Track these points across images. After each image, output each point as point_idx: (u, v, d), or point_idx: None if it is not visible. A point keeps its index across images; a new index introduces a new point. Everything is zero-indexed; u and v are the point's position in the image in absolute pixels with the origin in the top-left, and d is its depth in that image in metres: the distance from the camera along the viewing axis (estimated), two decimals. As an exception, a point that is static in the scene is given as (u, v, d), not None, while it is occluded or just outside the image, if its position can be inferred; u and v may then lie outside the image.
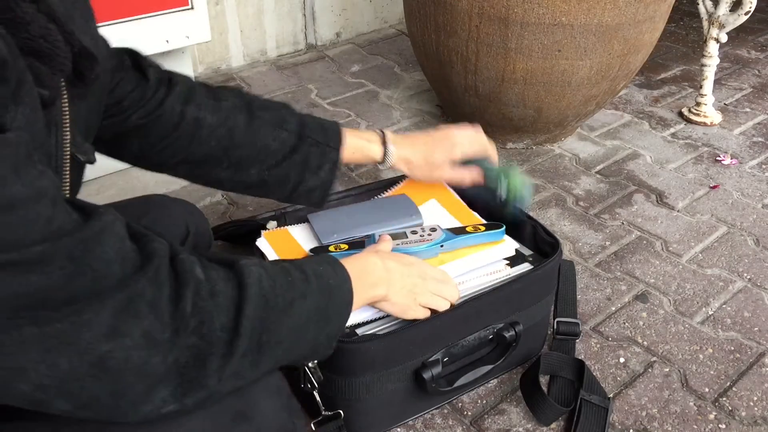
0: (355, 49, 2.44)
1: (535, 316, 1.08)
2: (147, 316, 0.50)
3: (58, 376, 0.48)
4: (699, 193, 1.63)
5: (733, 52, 2.45)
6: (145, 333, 0.50)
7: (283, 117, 0.95)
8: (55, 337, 0.47)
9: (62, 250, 0.46)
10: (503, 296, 1.01)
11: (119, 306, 0.49)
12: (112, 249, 0.50)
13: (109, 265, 0.49)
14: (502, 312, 1.02)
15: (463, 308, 0.97)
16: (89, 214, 0.50)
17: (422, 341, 0.94)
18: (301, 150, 0.94)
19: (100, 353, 0.48)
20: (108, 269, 0.49)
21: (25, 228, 0.45)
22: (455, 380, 0.99)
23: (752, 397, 1.10)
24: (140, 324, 0.50)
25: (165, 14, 1.31)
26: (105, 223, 0.50)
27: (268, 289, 0.59)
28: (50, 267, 0.46)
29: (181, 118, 0.88)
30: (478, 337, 1.01)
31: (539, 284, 1.06)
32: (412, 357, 0.94)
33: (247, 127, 0.91)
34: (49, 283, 0.46)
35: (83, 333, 0.48)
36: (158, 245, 0.54)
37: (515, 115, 1.69)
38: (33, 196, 0.45)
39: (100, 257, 0.49)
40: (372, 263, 0.83)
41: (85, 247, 0.48)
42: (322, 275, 0.69)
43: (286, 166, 0.94)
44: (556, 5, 1.45)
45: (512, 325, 1.03)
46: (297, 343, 0.65)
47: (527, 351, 1.13)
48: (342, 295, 0.72)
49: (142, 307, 0.50)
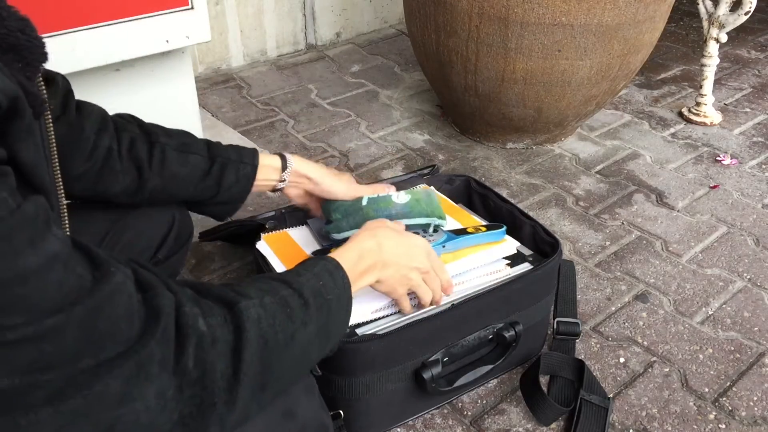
0: (355, 49, 2.44)
1: (535, 316, 1.08)
2: (159, 376, 0.50)
3: None
4: (699, 193, 1.63)
5: (733, 52, 2.45)
6: (158, 394, 0.50)
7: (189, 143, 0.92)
8: (69, 413, 0.47)
9: (74, 319, 0.46)
10: (503, 296, 1.01)
11: (129, 373, 0.49)
12: (122, 308, 0.50)
13: (118, 324, 0.49)
14: (502, 312, 1.02)
15: (463, 308, 0.96)
16: (99, 269, 0.49)
17: (422, 341, 0.94)
18: (212, 173, 0.92)
19: (112, 419, 0.49)
20: (116, 329, 0.49)
21: (38, 297, 0.45)
22: (455, 380, 0.99)
23: (752, 397, 1.10)
24: (152, 386, 0.50)
25: (165, 14, 1.31)
26: (115, 285, 0.50)
27: (267, 329, 0.59)
28: (63, 336, 0.46)
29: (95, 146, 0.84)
30: (478, 337, 1.01)
31: (539, 284, 1.06)
32: (412, 357, 0.94)
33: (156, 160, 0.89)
34: (60, 350, 0.46)
35: (95, 405, 0.48)
36: (165, 301, 0.53)
37: (515, 115, 1.69)
38: (46, 264, 0.45)
39: (109, 319, 0.49)
40: (366, 247, 0.81)
41: (96, 313, 0.48)
42: (321, 292, 0.68)
43: (198, 190, 0.93)
44: (556, 5, 1.45)
45: (512, 325, 1.03)
46: (301, 369, 0.65)
47: (527, 351, 1.12)
48: (342, 305, 0.71)
49: (152, 370, 0.50)
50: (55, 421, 0.46)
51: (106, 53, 1.27)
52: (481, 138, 1.83)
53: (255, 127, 1.90)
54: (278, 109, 2.00)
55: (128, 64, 1.37)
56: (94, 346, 0.48)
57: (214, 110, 1.99)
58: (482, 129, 1.80)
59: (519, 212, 1.17)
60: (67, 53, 1.22)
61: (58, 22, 1.19)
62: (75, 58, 1.23)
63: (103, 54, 1.27)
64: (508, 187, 1.64)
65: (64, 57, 1.21)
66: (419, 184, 1.25)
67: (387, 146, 1.81)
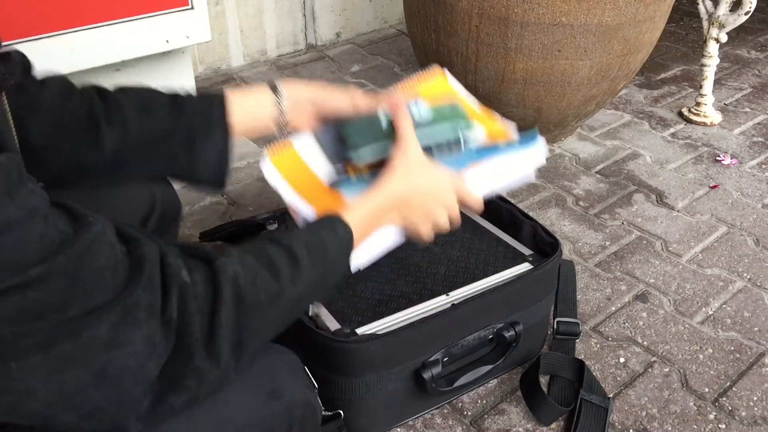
0: (355, 49, 2.44)
1: (535, 316, 1.08)
2: (147, 322, 0.51)
3: (64, 391, 0.49)
4: (699, 193, 1.63)
5: (733, 52, 2.45)
6: (146, 339, 0.51)
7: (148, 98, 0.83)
8: (59, 357, 0.48)
9: (58, 269, 0.47)
10: (503, 296, 1.01)
11: (117, 318, 0.50)
12: (103, 258, 0.50)
13: (101, 273, 0.50)
14: (502, 312, 1.02)
15: (463, 308, 0.97)
16: (78, 221, 0.50)
17: (422, 341, 0.94)
18: (179, 127, 0.81)
19: (102, 363, 0.50)
20: (101, 278, 0.50)
21: (21, 248, 0.46)
22: (455, 380, 0.99)
23: (752, 397, 1.10)
24: (140, 331, 0.51)
25: (165, 14, 1.31)
26: (95, 234, 0.50)
27: (246, 288, 0.59)
28: (48, 284, 0.47)
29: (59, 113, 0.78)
30: (478, 337, 1.01)
31: (539, 284, 1.06)
32: (412, 357, 0.94)
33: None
34: (46, 298, 0.47)
35: (85, 349, 0.49)
36: (148, 250, 0.54)
37: (515, 115, 1.69)
38: (26, 216, 0.46)
39: (92, 267, 0.49)
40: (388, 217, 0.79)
41: (78, 261, 0.49)
42: (316, 246, 0.67)
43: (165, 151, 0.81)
44: (556, 5, 1.45)
45: (512, 325, 1.03)
46: (289, 321, 0.66)
47: (527, 351, 1.12)
48: (340, 256, 0.70)
49: (140, 315, 0.51)
50: (46, 366, 0.48)
51: (106, 53, 1.27)
52: (481, 138, 1.83)
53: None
54: (278, 109, 2.00)
55: (128, 64, 1.37)
56: (80, 295, 0.48)
57: (214, 110, 1.99)
58: (482, 129, 1.80)
59: (519, 212, 1.17)
60: (67, 53, 1.22)
61: (58, 22, 1.19)
62: (75, 58, 1.23)
63: (103, 54, 1.27)
64: (508, 187, 1.64)
65: (64, 57, 1.21)
66: None
67: (387, 146, 1.81)
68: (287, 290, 0.62)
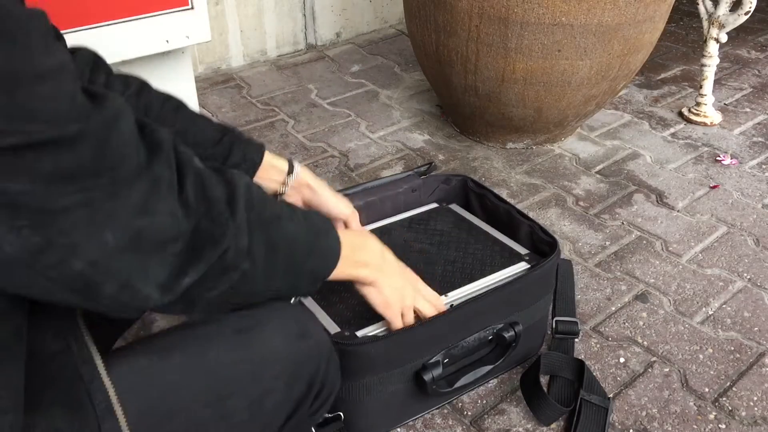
0: (355, 49, 2.44)
1: (534, 316, 1.08)
2: (168, 196, 0.54)
3: (105, 250, 0.51)
4: (699, 193, 1.63)
5: (733, 52, 2.45)
6: (170, 211, 0.54)
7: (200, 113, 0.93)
8: (100, 213, 0.50)
9: (92, 130, 0.49)
10: (502, 296, 1.01)
11: (146, 188, 0.53)
12: (128, 131, 0.52)
13: (127, 146, 0.52)
14: (501, 312, 1.02)
15: (463, 309, 0.96)
16: (100, 97, 0.52)
17: (422, 343, 0.94)
18: (223, 142, 0.91)
19: (138, 227, 0.52)
20: (126, 151, 0.52)
21: (57, 101, 0.47)
22: (455, 381, 0.99)
23: (752, 397, 1.10)
24: (165, 203, 0.54)
25: (165, 14, 1.31)
26: (119, 107, 0.52)
27: (256, 195, 0.63)
28: (82, 146, 0.48)
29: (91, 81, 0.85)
30: (478, 338, 1.01)
31: (538, 284, 1.06)
32: (412, 359, 0.94)
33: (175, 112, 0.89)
34: (79, 160, 0.48)
35: (122, 210, 0.51)
36: (163, 135, 0.56)
37: (515, 115, 1.69)
38: (59, 68, 0.47)
39: (120, 138, 0.51)
40: (371, 244, 0.83)
41: (107, 129, 0.50)
42: (310, 216, 0.72)
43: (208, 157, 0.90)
44: (556, 5, 1.45)
45: (512, 326, 1.03)
46: (290, 258, 0.67)
47: (526, 351, 1.13)
48: (329, 241, 0.73)
49: (163, 189, 0.54)
50: (88, 221, 0.50)
51: (106, 53, 1.27)
52: (481, 138, 1.83)
53: (255, 127, 1.90)
54: (278, 109, 2.01)
55: (128, 64, 1.37)
56: (109, 164, 0.50)
57: (214, 110, 1.99)
58: (482, 129, 1.80)
59: (516, 212, 1.17)
60: (67, 53, 1.22)
61: (58, 22, 1.19)
62: (75, 59, 1.23)
63: (103, 54, 1.27)
64: (508, 187, 1.64)
65: (64, 57, 1.21)
66: (416, 182, 1.25)
67: (387, 146, 1.81)
68: (286, 220, 0.67)
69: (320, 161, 1.74)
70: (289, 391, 0.71)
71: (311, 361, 0.72)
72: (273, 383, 0.69)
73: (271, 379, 0.69)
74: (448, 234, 1.17)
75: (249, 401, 0.68)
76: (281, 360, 0.69)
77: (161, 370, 0.64)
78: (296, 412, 0.73)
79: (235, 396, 0.66)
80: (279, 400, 0.70)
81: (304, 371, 0.71)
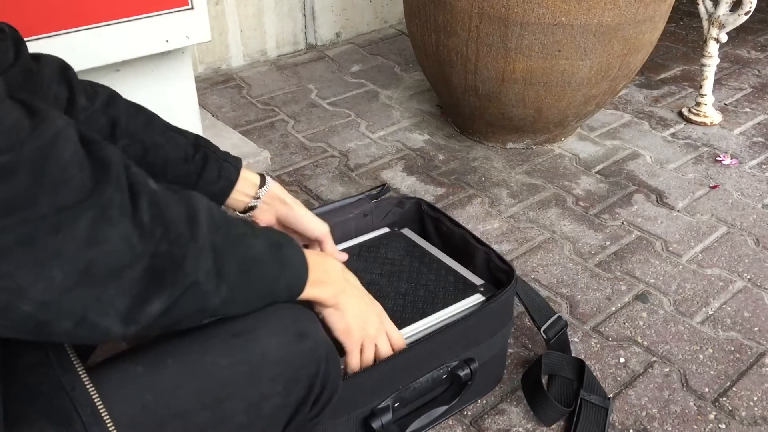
0: (355, 49, 2.44)
1: (492, 349, 1.02)
2: (120, 221, 0.51)
3: (54, 288, 0.48)
4: (699, 193, 1.63)
5: (733, 52, 2.45)
6: (123, 236, 0.51)
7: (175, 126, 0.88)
8: (43, 251, 0.47)
9: (24, 159, 0.46)
10: (457, 333, 0.94)
11: (93, 214, 0.49)
12: (69, 153, 0.49)
13: (68, 170, 0.49)
14: (455, 349, 0.96)
15: (415, 350, 0.89)
16: (38, 115, 0.49)
17: (371, 387, 0.87)
18: (195, 159, 0.86)
19: (86, 260, 0.49)
20: (68, 175, 0.49)
21: None
22: (407, 426, 0.94)
23: (752, 397, 1.10)
24: (117, 228, 0.51)
25: (165, 14, 1.31)
26: (58, 128, 0.49)
27: (219, 218, 0.60)
28: (15, 176, 0.46)
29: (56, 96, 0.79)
30: (431, 378, 0.94)
31: (494, 317, 0.99)
32: (360, 405, 0.88)
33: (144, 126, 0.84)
34: (14, 193, 0.46)
35: (67, 244, 0.48)
36: (112, 153, 0.53)
37: (515, 115, 1.69)
38: None
39: (58, 163, 0.48)
40: (331, 263, 0.78)
41: (43, 154, 0.47)
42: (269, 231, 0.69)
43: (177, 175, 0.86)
44: (556, 5, 1.45)
45: (467, 363, 0.97)
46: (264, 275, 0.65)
47: (484, 386, 1.08)
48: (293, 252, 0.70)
49: (114, 214, 0.50)
50: (32, 261, 0.47)
51: (106, 53, 1.27)
52: (481, 138, 1.83)
53: (255, 127, 1.90)
54: (278, 109, 2.01)
55: (128, 64, 1.37)
56: (48, 191, 0.47)
57: (214, 110, 1.99)
58: (482, 129, 1.81)
59: (472, 237, 1.10)
60: (67, 53, 1.21)
61: (58, 22, 1.19)
62: (75, 58, 1.23)
63: (103, 54, 1.27)
64: (508, 188, 1.64)
65: (64, 57, 1.21)
66: (367, 206, 1.18)
67: (387, 146, 1.81)
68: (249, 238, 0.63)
69: (320, 161, 1.74)
70: (288, 394, 0.69)
71: (310, 363, 0.70)
72: (271, 386, 0.68)
73: (268, 382, 0.68)
74: (399, 263, 1.09)
75: (247, 404, 0.67)
76: (279, 363, 0.68)
77: (155, 376, 0.63)
78: (296, 415, 0.71)
79: (232, 399, 0.65)
80: (278, 403, 0.69)
81: (302, 374, 0.70)
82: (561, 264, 1.39)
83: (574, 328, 1.23)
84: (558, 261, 1.40)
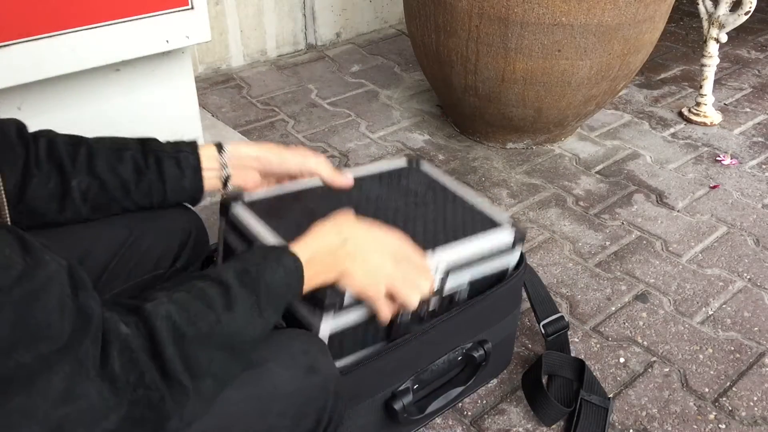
0: (355, 49, 2.44)
1: (503, 332, 1.05)
2: (96, 376, 0.51)
3: None
4: (699, 193, 1.63)
5: (733, 52, 2.45)
6: (99, 392, 0.50)
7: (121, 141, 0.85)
8: (14, 411, 0.46)
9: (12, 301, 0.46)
10: (470, 316, 0.96)
11: (70, 369, 0.48)
12: (56, 299, 0.49)
13: (51, 315, 0.48)
14: (469, 332, 0.98)
15: (431, 333, 0.91)
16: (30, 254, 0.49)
17: (391, 371, 0.89)
18: (148, 176, 0.84)
19: (58, 418, 0.48)
20: (50, 321, 0.48)
21: None
22: (426, 406, 0.96)
23: (752, 397, 1.10)
24: (93, 385, 0.50)
25: (165, 14, 1.31)
26: (50, 273, 0.49)
27: (182, 323, 0.58)
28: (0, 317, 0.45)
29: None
30: (447, 360, 0.97)
31: (506, 299, 1.02)
32: (381, 388, 0.90)
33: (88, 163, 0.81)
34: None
35: (40, 402, 0.47)
36: (94, 303, 0.53)
37: (515, 115, 1.69)
38: None
39: (45, 309, 0.48)
40: (325, 242, 0.74)
41: (33, 299, 0.47)
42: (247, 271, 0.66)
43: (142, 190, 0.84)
44: (556, 5, 1.45)
45: (480, 344, 0.99)
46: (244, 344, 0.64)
47: (494, 369, 1.10)
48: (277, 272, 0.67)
49: (90, 368, 0.50)
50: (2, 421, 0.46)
51: (106, 53, 1.27)
52: (481, 138, 1.83)
53: (255, 127, 1.90)
54: (278, 109, 2.01)
55: (128, 64, 1.37)
56: (29, 335, 0.47)
57: (214, 110, 1.99)
58: (482, 129, 1.81)
59: None
60: (67, 53, 1.21)
61: (58, 22, 1.19)
62: (75, 58, 1.23)
63: (103, 54, 1.27)
64: (508, 187, 1.64)
65: (64, 57, 1.21)
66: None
67: (387, 146, 1.81)
68: (225, 317, 0.62)
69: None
70: (296, 427, 0.70)
71: (319, 397, 0.71)
72: (280, 420, 0.68)
73: (277, 417, 0.68)
74: (423, 195, 1.04)
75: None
76: (288, 396, 0.68)
77: None
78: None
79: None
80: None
81: (311, 407, 0.70)
82: (561, 264, 1.39)
83: (574, 328, 1.23)
84: (558, 261, 1.40)
